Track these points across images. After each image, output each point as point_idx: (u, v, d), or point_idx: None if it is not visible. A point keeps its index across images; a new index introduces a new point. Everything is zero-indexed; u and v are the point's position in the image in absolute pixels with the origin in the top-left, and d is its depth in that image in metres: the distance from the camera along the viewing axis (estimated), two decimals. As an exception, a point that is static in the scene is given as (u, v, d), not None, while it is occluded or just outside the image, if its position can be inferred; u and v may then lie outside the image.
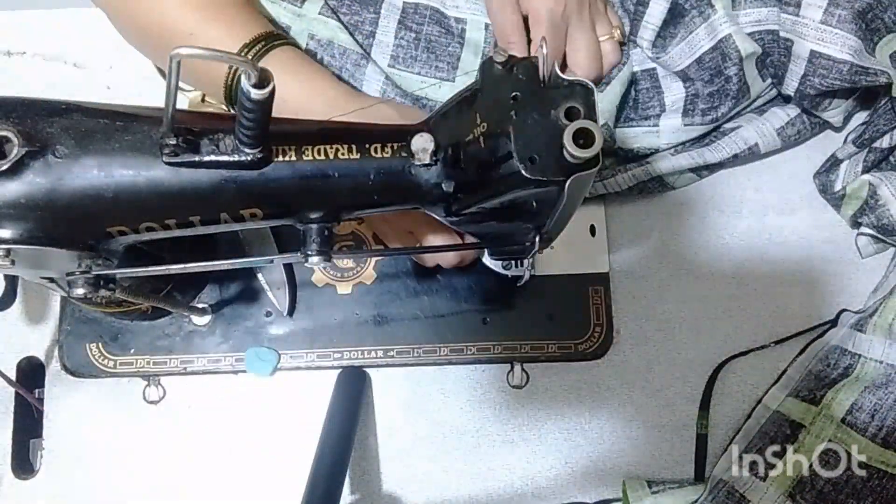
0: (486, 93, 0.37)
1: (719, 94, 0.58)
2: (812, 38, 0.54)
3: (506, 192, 0.37)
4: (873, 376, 0.53)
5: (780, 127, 0.59)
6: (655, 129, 0.59)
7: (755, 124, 0.59)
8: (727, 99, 0.58)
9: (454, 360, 0.59)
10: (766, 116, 0.60)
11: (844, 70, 0.53)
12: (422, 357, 0.59)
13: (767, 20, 0.57)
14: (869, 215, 0.57)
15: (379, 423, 0.59)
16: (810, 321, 0.59)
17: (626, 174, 0.59)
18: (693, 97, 0.59)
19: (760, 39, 0.57)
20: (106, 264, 0.40)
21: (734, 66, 0.57)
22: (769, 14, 0.57)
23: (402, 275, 0.61)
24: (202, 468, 0.58)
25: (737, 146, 0.59)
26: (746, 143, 0.59)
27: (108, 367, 0.59)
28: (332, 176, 0.39)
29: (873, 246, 0.60)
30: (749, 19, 0.57)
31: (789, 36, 0.55)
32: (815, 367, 0.56)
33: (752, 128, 0.59)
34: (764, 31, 0.57)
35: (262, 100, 0.32)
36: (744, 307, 0.60)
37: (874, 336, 0.54)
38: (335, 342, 0.59)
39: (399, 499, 0.58)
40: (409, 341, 0.60)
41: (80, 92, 0.38)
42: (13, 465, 0.58)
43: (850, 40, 0.53)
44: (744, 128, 0.59)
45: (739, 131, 0.59)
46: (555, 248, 0.59)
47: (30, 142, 0.34)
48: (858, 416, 0.52)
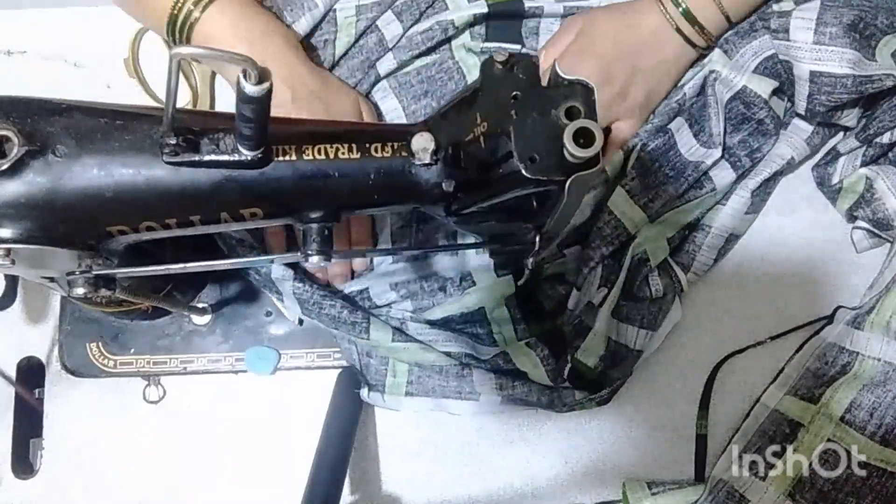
0: (487, 92, 0.37)
1: (756, 135, 0.58)
2: (808, 59, 0.53)
3: (506, 192, 0.37)
4: (871, 374, 0.53)
5: (808, 136, 0.59)
6: (713, 192, 0.58)
7: (785, 138, 0.59)
8: (768, 137, 0.58)
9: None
10: (791, 129, 0.60)
11: (849, 83, 0.53)
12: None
13: (762, 48, 0.57)
14: (865, 209, 0.57)
15: (379, 424, 0.59)
16: (808, 319, 0.59)
17: (705, 251, 0.59)
18: (731, 150, 0.58)
19: (766, 68, 0.57)
20: (106, 264, 0.40)
21: (762, 110, 0.57)
22: (762, 43, 0.57)
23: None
24: (202, 468, 0.58)
25: (775, 164, 0.59)
26: (783, 158, 0.59)
27: (108, 367, 0.58)
28: (333, 175, 0.39)
29: (868, 240, 0.59)
30: (748, 54, 0.57)
31: (787, 59, 0.55)
32: (812, 365, 0.56)
33: (783, 143, 0.59)
34: (765, 59, 0.57)
35: (261, 97, 0.32)
36: (743, 307, 0.60)
37: (872, 333, 0.54)
38: (335, 342, 0.59)
39: (399, 499, 0.58)
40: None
41: (80, 92, 0.38)
42: (13, 465, 0.58)
43: (847, 54, 0.52)
44: (776, 144, 0.59)
45: (773, 150, 0.59)
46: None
47: (30, 141, 0.34)
48: (857, 414, 0.52)
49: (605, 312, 0.56)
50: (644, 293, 0.57)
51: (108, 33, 0.64)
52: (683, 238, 0.59)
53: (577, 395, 0.55)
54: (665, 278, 0.57)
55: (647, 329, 0.55)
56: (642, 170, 0.57)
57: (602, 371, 0.56)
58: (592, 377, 0.56)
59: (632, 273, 0.57)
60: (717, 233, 0.58)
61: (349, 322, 0.55)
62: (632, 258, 0.56)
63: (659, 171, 0.58)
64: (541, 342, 0.56)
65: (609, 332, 0.56)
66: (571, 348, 0.56)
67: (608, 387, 0.56)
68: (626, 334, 0.56)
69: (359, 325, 0.55)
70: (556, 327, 0.58)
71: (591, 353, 0.56)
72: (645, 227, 0.57)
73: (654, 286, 0.56)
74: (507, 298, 0.57)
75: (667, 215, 0.58)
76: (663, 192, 0.57)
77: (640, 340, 0.55)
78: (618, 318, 0.56)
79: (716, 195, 0.58)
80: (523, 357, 0.56)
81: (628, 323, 0.56)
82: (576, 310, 0.57)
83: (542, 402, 0.55)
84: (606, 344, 0.57)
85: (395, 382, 0.57)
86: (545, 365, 0.56)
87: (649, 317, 0.55)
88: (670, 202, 0.58)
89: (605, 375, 0.56)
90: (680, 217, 0.58)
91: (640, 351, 0.56)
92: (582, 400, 0.55)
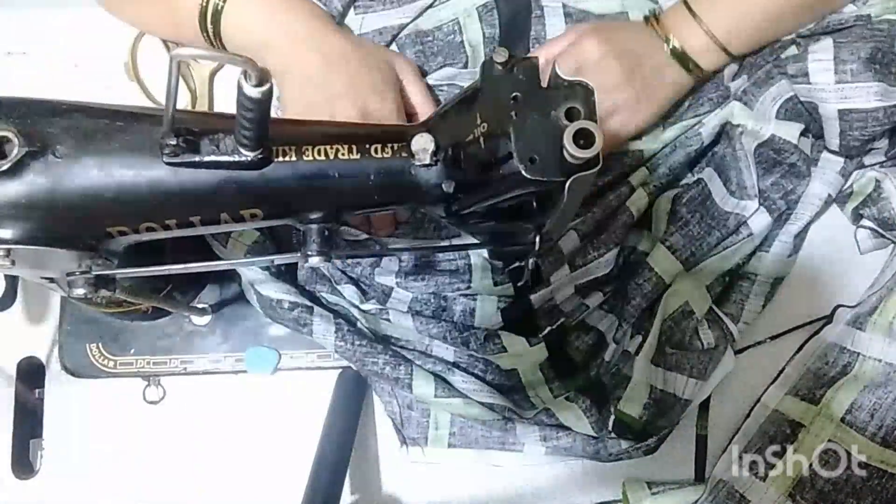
0: (486, 93, 0.37)
1: (789, 177, 0.57)
2: (834, 99, 0.53)
3: (506, 193, 0.37)
4: (872, 375, 0.53)
5: (841, 168, 0.58)
6: (750, 237, 0.57)
7: (818, 175, 0.58)
8: (801, 179, 0.57)
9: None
10: (822, 164, 0.59)
11: (880, 116, 0.52)
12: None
13: (781, 93, 0.56)
14: (871, 208, 0.57)
15: (379, 424, 0.59)
16: (807, 319, 0.59)
17: (752, 299, 0.58)
18: (764, 193, 0.57)
19: (787, 110, 0.56)
20: (106, 264, 0.40)
21: (793, 154, 0.56)
22: (780, 88, 0.56)
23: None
24: (202, 468, 0.58)
25: (814, 205, 0.58)
26: (820, 198, 0.58)
27: (108, 367, 0.58)
28: (333, 176, 0.39)
29: (872, 241, 0.59)
30: (767, 101, 0.56)
31: (810, 100, 0.55)
32: (813, 366, 0.56)
33: (816, 181, 0.58)
34: (784, 101, 0.56)
35: (261, 98, 0.32)
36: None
37: (873, 334, 0.54)
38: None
39: (399, 499, 0.58)
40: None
41: (80, 92, 0.38)
42: (13, 465, 0.58)
43: (872, 87, 0.51)
44: (810, 184, 0.58)
45: (808, 190, 0.58)
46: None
47: (30, 142, 0.34)
48: (858, 415, 0.52)
49: (643, 361, 0.55)
50: (695, 345, 0.55)
51: (107, 34, 0.64)
52: (726, 286, 0.58)
53: (623, 444, 0.54)
54: (716, 330, 0.55)
55: (696, 378, 0.54)
56: (681, 223, 0.57)
57: (647, 420, 0.55)
58: (638, 428, 0.55)
59: (677, 324, 0.55)
60: (763, 280, 0.58)
61: (392, 378, 0.54)
62: (673, 310, 0.55)
63: (701, 222, 0.57)
64: (580, 394, 0.55)
65: (652, 381, 0.55)
66: (613, 399, 0.55)
67: (655, 435, 0.54)
68: (675, 383, 0.54)
69: (402, 380, 0.54)
70: (590, 379, 0.57)
71: (633, 402, 0.55)
72: (680, 276, 0.56)
73: (706, 338, 0.55)
74: (541, 363, 0.56)
75: (704, 263, 0.57)
76: (704, 244, 0.57)
77: (689, 389, 0.54)
78: (664, 366, 0.55)
79: (753, 240, 0.57)
80: (566, 411, 0.55)
81: (677, 371, 0.54)
82: (612, 360, 0.56)
83: (588, 453, 0.54)
84: (649, 392, 0.55)
85: (438, 435, 0.56)
86: (588, 416, 0.54)
87: (699, 366, 0.54)
88: (709, 252, 0.57)
89: (650, 424, 0.55)
90: (717, 264, 0.57)
91: (688, 400, 0.54)
92: (628, 449, 0.54)
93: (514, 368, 0.56)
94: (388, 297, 0.57)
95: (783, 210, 0.58)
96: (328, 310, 0.56)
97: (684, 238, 0.56)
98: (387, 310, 0.56)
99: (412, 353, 0.56)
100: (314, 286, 0.58)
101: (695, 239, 0.57)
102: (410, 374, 0.54)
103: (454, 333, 0.55)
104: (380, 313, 0.57)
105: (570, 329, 0.58)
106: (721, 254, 0.57)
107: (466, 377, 0.55)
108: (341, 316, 0.56)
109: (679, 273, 0.56)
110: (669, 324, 0.55)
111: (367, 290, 0.58)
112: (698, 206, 0.58)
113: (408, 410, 0.56)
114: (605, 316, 0.58)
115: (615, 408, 0.54)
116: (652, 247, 0.58)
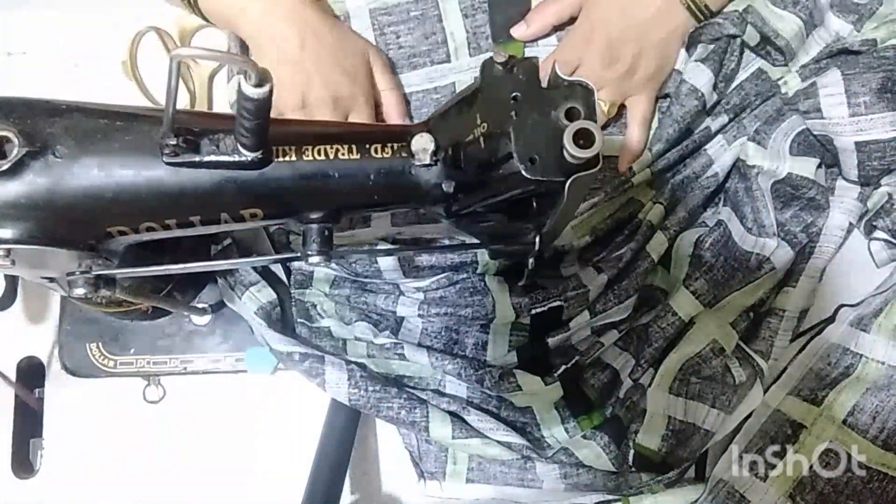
0: (486, 93, 0.37)
1: (809, 209, 0.57)
2: (850, 132, 0.52)
3: (506, 193, 0.37)
4: (875, 378, 0.53)
5: (858, 194, 0.57)
6: (773, 271, 0.56)
7: (836, 205, 0.57)
8: (820, 211, 0.57)
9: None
10: (839, 192, 0.58)
11: None
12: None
13: (792, 127, 0.56)
14: (884, 219, 0.56)
15: (379, 423, 0.59)
16: (810, 320, 0.59)
17: (781, 335, 0.56)
18: (784, 226, 0.57)
19: (799, 143, 0.56)
20: (106, 264, 0.40)
21: (811, 190, 0.56)
22: (791, 123, 0.56)
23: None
24: (202, 468, 0.58)
25: (837, 237, 0.57)
26: (842, 228, 0.57)
27: (108, 367, 0.59)
28: (333, 176, 0.39)
29: (887, 252, 0.58)
30: (779, 137, 0.56)
31: (825, 133, 0.54)
32: (815, 366, 0.56)
33: (836, 211, 0.57)
34: (797, 134, 0.56)
35: (262, 99, 0.32)
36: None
37: (878, 336, 0.54)
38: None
39: (399, 499, 0.58)
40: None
41: (80, 92, 0.38)
42: (13, 465, 0.58)
43: (887, 117, 0.51)
44: (830, 216, 0.57)
45: (829, 222, 0.57)
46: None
47: (30, 142, 0.34)
48: (860, 417, 0.52)
49: (659, 392, 0.54)
50: (728, 380, 0.54)
51: (107, 33, 0.64)
52: (752, 322, 0.57)
53: (644, 477, 0.53)
54: (747, 368, 0.54)
55: (719, 410, 0.53)
56: (706, 268, 0.56)
57: (667, 452, 0.54)
58: (658, 460, 0.54)
59: (706, 361, 0.55)
60: (791, 315, 0.57)
61: (408, 422, 0.54)
62: (701, 348, 0.55)
63: (725, 266, 0.57)
64: (598, 431, 0.55)
65: (671, 412, 0.54)
66: (631, 433, 0.54)
67: (676, 468, 0.53)
68: (696, 412, 0.54)
69: (418, 423, 0.54)
70: (605, 417, 0.56)
71: (651, 434, 0.54)
72: (703, 314, 0.56)
73: (738, 376, 0.54)
74: (556, 402, 0.56)
75: (726, 300, 0.57)
76: (728, 287, 0.56)
77: (710, 419, 0.53)
78: (685, 395, 0.54)
79: (776, 274, 0.56)
80: (584, 449, 0.54)
81: (699, 401, 0.54)
82: (627, 395, 0.56)
83: (609, 488, 0.54)
84: (667, 423, 0.54)
85: (456, 469, 0.56)
86: (608, 453, 0.54)
87: (723, 398, 0.53)
88: (731, 291, 0.56)
89: (670, 455, 0.54)
90: (740, 301, 0.57)
91: (709, 431, 0.53)
92: (649, 482, 0.53)
93: (528, 406, 0.56)
94: (401, 327, 0.57)
95: (804, 243, 0.57)
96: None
97: (709, 283, 0.56)
98: (401, 343, 0.56)
99: (426, 393, 0.56)
100: (320, 342, 0.57)
101: (719, 283, 0.56)
102: (426, 416, 0.54)
103: (469, 371, 0.55)
104: (394, 348, 0.56)
105: (584, 367, 0.57)
106: (743, 289, 0.56)
107: (481, 415, 0.55)
108: (353, 361, 0.56)
109: (700, 311, 0.56)
110: (696, 360, 0.54)
111: (379, 319, 0.58)
112: (721, 248, 0.57)
113: (425, 444, 0.56)
114: (621, 353, 0.57)
115: (633, 441, 0.54)
116: (670, 286, 0.57)
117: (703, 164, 0.59)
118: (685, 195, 0.58)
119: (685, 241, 0.58)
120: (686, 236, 0.58)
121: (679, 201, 0.58)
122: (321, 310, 0.58)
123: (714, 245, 0.57)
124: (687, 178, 0.59)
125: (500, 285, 0.56)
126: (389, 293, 0.57)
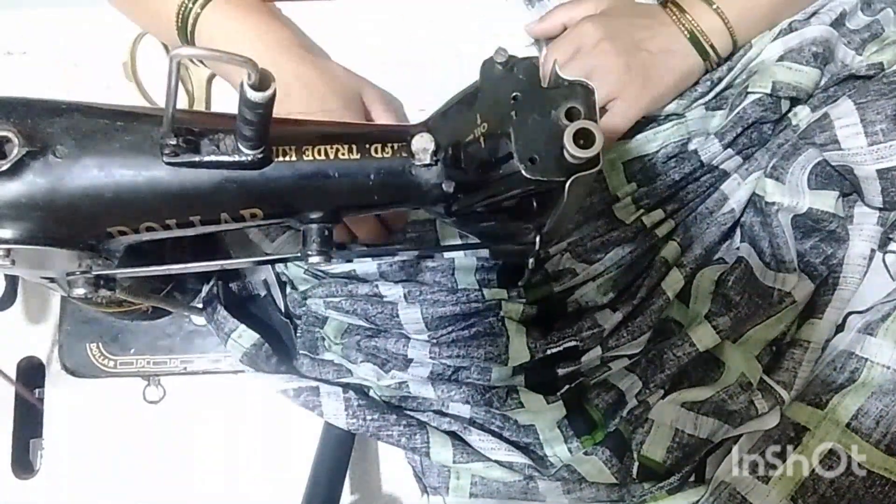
0: (486, 93, 0.37)
1: (829, 241, 0.57)
2: (870, 161, 0.52)
3: (506, 193, 0.37)
4: (880, 382, 0.52)
5: (878, 218, 0.57)
6: (794, 304, 0.56)
7: (856, 232, 0.57)
8: (841, 243, 0.57)
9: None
10: (857, 219, 0.57)
11: None
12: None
13: (809, 160, 0.56)
14: None
15: (379, 424, 0.59)
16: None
17: (805, 366, 0.56)
18: (804, 257, 0.57)
19: (817, 175, 0.56)
20: (106, 264, 0.40)
21: (832, 223, 0.56)
22: (808, 156, 0.56)
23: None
24: (202, 468, 0.58)
25: (860, 266, 0.56)
26: (864, 257, 0.56)
27: (108, 367, 0.58)
28: (333, 176, 0.39)
29: None
30: (797, 171, 0.56)
31: (844, 164, 0.54)
32: (822, 373, 0.56)
33: (856, 239, 0.57)
34: (814, 166, 0.56)
35: (264, 102, 0.32)
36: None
37: (884, 340, 0.53)
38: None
39: (399, 499, 0.58)
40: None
41: (80, 92, 0.38)
42: (13, 465, 0.58)
43: None
44: (851, 245, 0.57)
45: (850, 251, 0.57)
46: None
47: (30, 142, 0.34)
48: (864, 421, 0.52)
49: (668, 406, 0.54)
50: (752, 413, 0.54)
51: (107, 34, 0.64)
52: (774, 354, 0.57)
53: (646, 485, 0.53)
54: (770, 400, 0.54)
55: (729, 425, 0.54)
56: (731, 305, 0.56)
57: (673, 464, 0.54)
58: (663, 472, 0.54)
59: (733, 397, 0.54)
60: (815, 346, 0.56)
61: (409, 447, 0.54)
62: (730, 383, 0.55)
63: (749, 302, 0.56)
64: (599, 446, 0.55)
65: (679, 425, 0.54)
66: (636, 445, 0.54)
67: (677, 473, 0.53)
68: (706, 426, 0.54)
69: (419, 449, 0.54)
70: (606, 434, 0.56)
71: (656, 445, 0.54)
72: (727, 348, 0.56)
73: (760, 408, 0.54)
74: (559, 421, 0.56)
75: (749, 334, 0.56)
76: (751, 323, 0.56)
77: (720, 433, 0.54)
78: (697, 411, 0.54)
79: (797, 307, 0.56)
80: (586, 465, 0.54)
81: (714, 417, 0.54)
82: (630, 412, 0.56)
83: (612, 499, 0.54)
84: (673, 435, 0.54)
85: (459, 485, 0.56)
86: (610, 467, 0.54)
87: (737, 419, 0.54)
88: (753, 326, 0.56)
89: (676, 467, 0.54)
90: (762, 334, 0.56)
91: (712, 441, 0.54)
92: (652, 489, 0.53)
93: (532, 425, 0.56)
94: (409, 366, 0.57)
95: (825, 275, 0.57)
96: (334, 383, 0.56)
97: (733, 320, 0.55)
98: (406, 382, 0.56)
99: (426, 415, 0.56)
100: (319, 371, 0.57)
101: (742, 320, 0.56)
102: (427, 442, 0.54)
103: (476, 397, 0.55)
104: (399, 387, 0.56)
105: (589, 387, 0.57)
106: (765, 323, 0.56)
107: (483, 435, 0.54)
108: (351, 388, 0.56)
109: (720, 344, 0.56)
110: (723, 396, 0.54)
111: (387, 359, 0.57)
112: (745, 285, 0.57)
113: (428, 459, 0.56)
114: (627, 375, 0.57)
115: (638, 453, 0.54)
116: (687, 319, 0.57)
117: (717, 200, 0.59)
118: (701, 232, 0.58)
119: (706, 278, 0.58)
120: (706, 273, 0.58)
121: (695, 238, 0.58)
122: (328, 344, 0.58)
123: (737, 282, 0.56)
124: (701, 214, 0.59)
125: (518, 327, 0.55)
126: (400, 337, 0.56)
